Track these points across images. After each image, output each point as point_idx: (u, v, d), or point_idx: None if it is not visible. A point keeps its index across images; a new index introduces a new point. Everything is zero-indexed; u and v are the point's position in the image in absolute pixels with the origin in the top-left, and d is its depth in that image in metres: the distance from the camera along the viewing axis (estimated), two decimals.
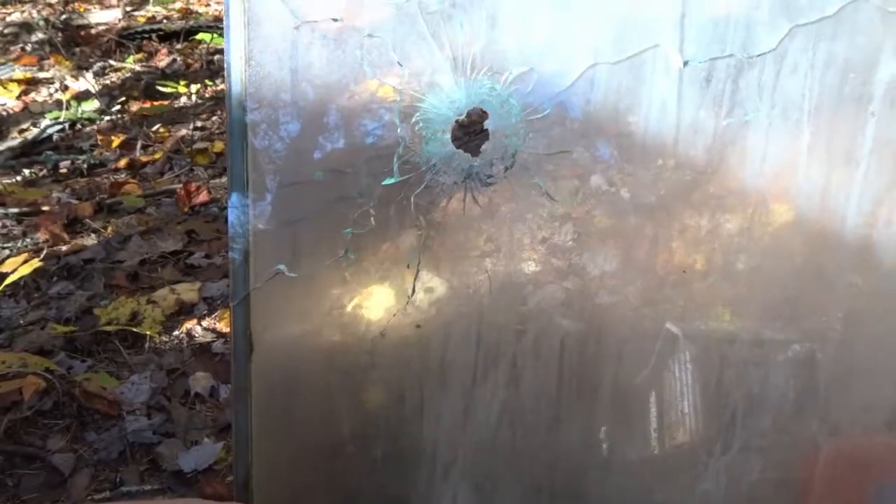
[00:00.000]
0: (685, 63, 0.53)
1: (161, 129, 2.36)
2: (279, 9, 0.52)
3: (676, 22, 0.52)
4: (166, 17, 3.36)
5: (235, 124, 0.53)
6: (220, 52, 2.84)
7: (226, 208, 0.54)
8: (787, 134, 0.54)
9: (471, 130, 0.54)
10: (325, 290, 0.56)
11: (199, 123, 2.38)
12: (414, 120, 0.53)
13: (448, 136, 0.54)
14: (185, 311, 1.53)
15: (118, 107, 2.52)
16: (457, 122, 0.53)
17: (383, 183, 0.54)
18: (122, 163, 2.14)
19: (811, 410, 0.56)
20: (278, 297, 0.56)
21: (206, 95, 2.64)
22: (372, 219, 0.55)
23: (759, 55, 0.52)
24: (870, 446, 0.56)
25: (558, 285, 0.56)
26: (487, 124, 0.53)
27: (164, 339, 1.46)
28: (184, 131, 2.32)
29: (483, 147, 0.54)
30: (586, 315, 0.56)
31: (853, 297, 0.55)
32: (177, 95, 2.59)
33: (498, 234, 0.55)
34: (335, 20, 0.52)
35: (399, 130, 0.53)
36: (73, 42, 3.11)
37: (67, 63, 2.81)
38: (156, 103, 2.54)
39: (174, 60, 2.94)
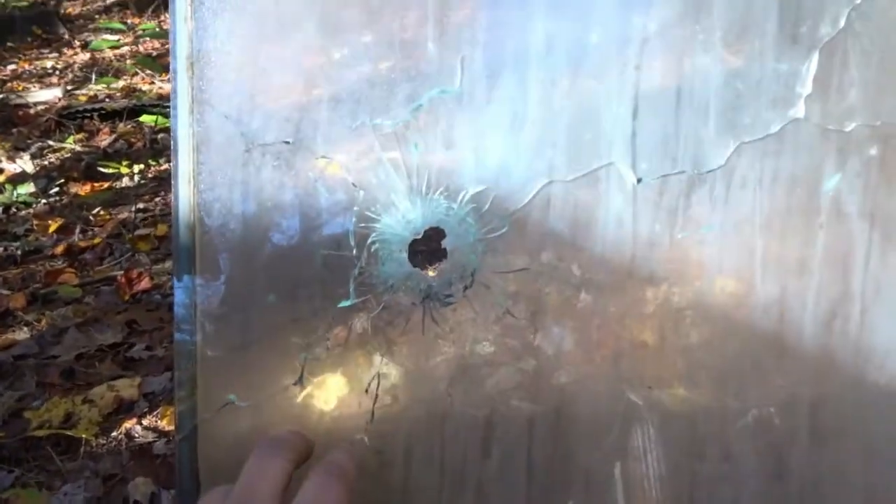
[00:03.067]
0: (638, 180, 0.53)
1: (101, 213, 2.30)
2: (229, 131, 0.51)
3: (628, 140, 0.53)
4: (109, 96, 3.32)
5: (183, 250, 0.51)
6: (165, 130, 2.81)
7: (170, 295, 0.51)
8: (741, 246, 0.54)
9: (428, 250, 0.53)
10: (278, 420, 0.53)
11: (141, 205, 2.32)
12: (370, 241, 0.52)
13: (405, 255, 0.52)
14: (124, 409, 1.45)
15: (56, 189, 2.45)
16: (414, 241, 0.52)
17: (339, 305, 0.52)
18: (59, 249, 2.06)
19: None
20: (227, 430, 0.52)
21: (150, 176, 2.59)
22: (328, 343, 0.53)
23: (708, 171, 0.53)
24: None
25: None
26: (445, 243, 0.52)
27: (101, 441, 1.37)
28: (125, 214, 2.26)
29: (441, 266, 0.53)
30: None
31: (818, 405, 0.55)
32: (119, 176, 2.54)
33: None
34: (287, 143, 0.51)
35: (354, 252, 0.52)
36: (11, 122, 3.04)
37: (4, 144, 2.73)
38: (96, 185, 2.48)
39: (116, 140, 2.90)
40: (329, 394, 0.53)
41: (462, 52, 0.52)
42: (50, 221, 2.18)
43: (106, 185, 2.47)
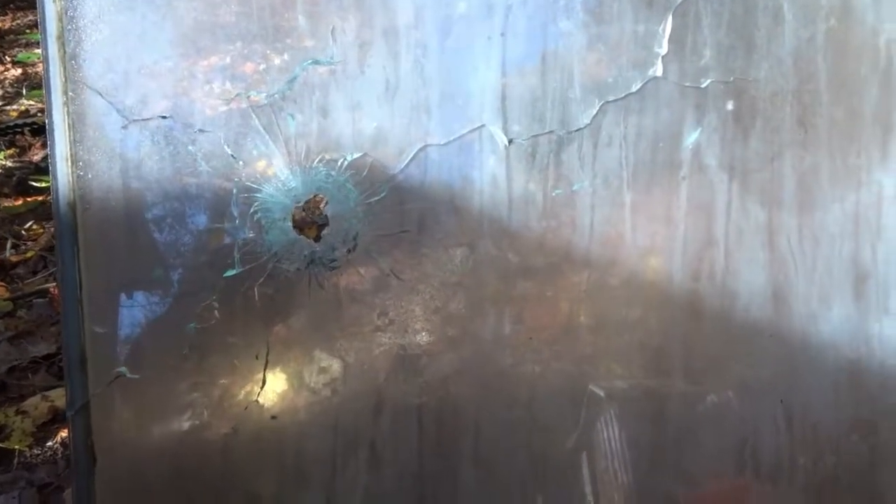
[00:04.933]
0: (510, 141, 0.56)
1: (34, 226, 2.25)
2: (105, 108, 0.52)
3: (498, 104, 0.55)
4: (41, 111, 3.25)
5: (64, 229, 0.52)
6: None
7: None
8: (611, 201, 0.57)
9: (311, 216, 0.54)
10: (170, 390, 0.54)
11: None
12: (252, 210, 0.53)
13: (289, 223, 0.54)
14: (59, 418, 1.42)
15: None
16: (296, 208, 0.54)
17: (224, 275, 0.54)
18: None
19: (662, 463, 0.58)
20: (120, 403, 0.53)
21: None
22: (216, 312, 0.54)
23: (576, 130, 0.56)
24: (721, 492, 0.58)
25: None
26: (326, 210, 0.54)
27: (36, 451, 1.35)
28: None
29: (324, 232, 0.54)
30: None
31: (690, 346, 0.59)
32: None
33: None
34: (164, 118, 0.52)
35: (237, 221, 0.53)
36: None
37: None
38: (29, 199, 2.42)
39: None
40: (221, 362, 0.54)
41: (332, 24, 0.54)
42: None
43: (39, 198, 2.42)
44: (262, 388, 0.55)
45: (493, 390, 0.57)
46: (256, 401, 0.55)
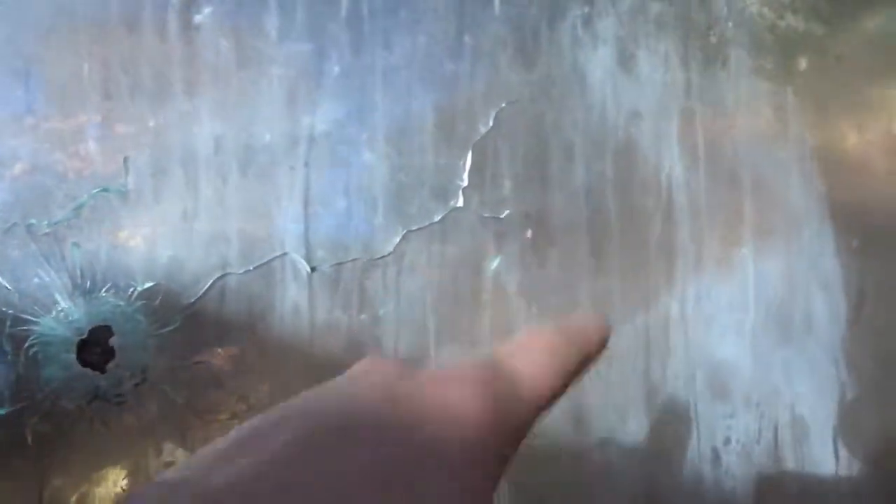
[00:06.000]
0: (313, 269, 0.56)
1: None
2: None
3: (301, 235, 0.56)
4: None
5: None
6: None
7: None
8: (416, 324, 0.58)
9: (95, 350, 0.52)
10: None
11: None
12: (27, 344, 0.50)
13: (72, 356, 0.51)
14: None
15: None
16: (80, 341, 0.51)
17: None
18: None
19: None
20: None
21: None
22: None
23: (380, 257, 0.58)
24: None
25: None
26: (113, 342, 0.52)
27: None
28: None
29: (110, 365, 0.52)
30: None
31: None
32: None
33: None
34: None
35: (9, 357, 0.50)
36: None
37: None
38: None
39: None
40: None
41: (126, 153, 0.53)
42: None
43: None
44: None
45: None
46: None
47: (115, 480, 0.52)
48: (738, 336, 0.65)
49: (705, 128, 0.65)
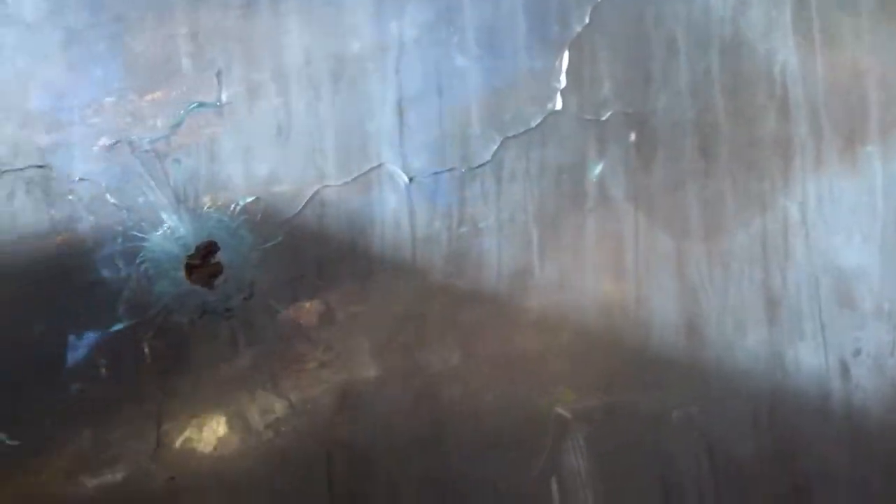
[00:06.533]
0: (410, 179, 0.54)
1: None
2: None
3: (396, 143, 0.54)
4: None
5: None
6: None
7: None
8: (518, 237, 0.56)
9: (204, 265, 0.52)
10: (51, 459, 0.50)
11: None
12: (139, 260, 0.51)
13: (181, 273, 0.52)
14: None
15: None
16: (189, 257, 0.52)
17: (111, 329, 0.51)
18: None
19: None
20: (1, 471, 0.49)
21: None
22: (103, 370, 0.51)
23: (478, 167, 0.55)
24: None
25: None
26: (220, 257, 0.52)
27: None
28: None
29: (217, 281, 0.52)
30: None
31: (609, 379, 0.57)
32: None
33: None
34: (41, 167, 0.50)
35: (122, 272, 0.51)
36: None
37: None
38: None
39: None
40: (109, 419, 0.51)
41: (218, 67, 0.52)
42: None
43: None
44: (156, 448, 0.51)
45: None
46: (150, 462, 0.51)
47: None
48: (865, 241, 0.60)
49: (822, 13, 0.60)
